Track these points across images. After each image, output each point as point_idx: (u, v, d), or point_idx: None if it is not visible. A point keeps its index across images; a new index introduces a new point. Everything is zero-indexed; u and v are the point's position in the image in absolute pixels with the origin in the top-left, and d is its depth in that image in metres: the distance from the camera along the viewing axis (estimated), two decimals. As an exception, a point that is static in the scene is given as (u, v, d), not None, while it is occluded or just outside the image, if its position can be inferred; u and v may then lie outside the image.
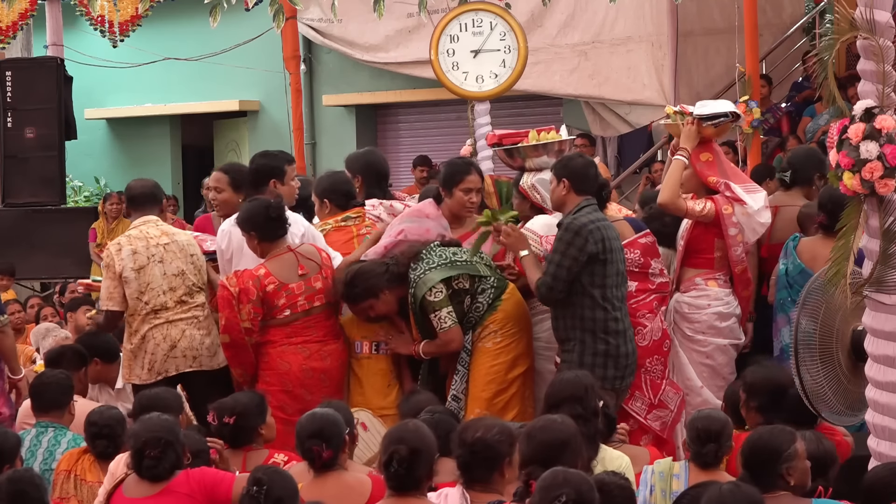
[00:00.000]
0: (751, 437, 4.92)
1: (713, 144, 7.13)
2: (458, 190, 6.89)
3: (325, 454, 5.12)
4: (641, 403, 6.70)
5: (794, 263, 6.78)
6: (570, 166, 6.62)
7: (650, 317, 6.75)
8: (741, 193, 6.92)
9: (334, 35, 15.77)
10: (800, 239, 6.91)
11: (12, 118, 13.03)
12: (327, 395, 6.48)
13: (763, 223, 6.99)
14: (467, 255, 6.70)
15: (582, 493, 4.22)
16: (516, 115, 15.08)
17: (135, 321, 6.95)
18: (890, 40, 5.16)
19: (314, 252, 6.75)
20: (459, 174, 6.91)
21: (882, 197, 5.15)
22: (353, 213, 7.22)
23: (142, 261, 6.92)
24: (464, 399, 6.64)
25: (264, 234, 6.66)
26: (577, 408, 5.29)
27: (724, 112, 7.07)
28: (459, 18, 8.93)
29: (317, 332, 6.69)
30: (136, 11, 12.86)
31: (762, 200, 7.00)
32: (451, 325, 6.57)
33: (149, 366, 6.93)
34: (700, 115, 7.04)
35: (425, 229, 6.85)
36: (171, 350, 6.90)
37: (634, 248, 6.80)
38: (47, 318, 9.78)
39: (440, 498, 4.80)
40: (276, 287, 6.58)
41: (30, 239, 12.75)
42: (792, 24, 14.01)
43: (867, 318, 5.29)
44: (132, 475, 5.18)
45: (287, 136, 13.89)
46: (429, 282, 6.54)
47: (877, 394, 5.25)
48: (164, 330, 6.91)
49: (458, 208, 6.93)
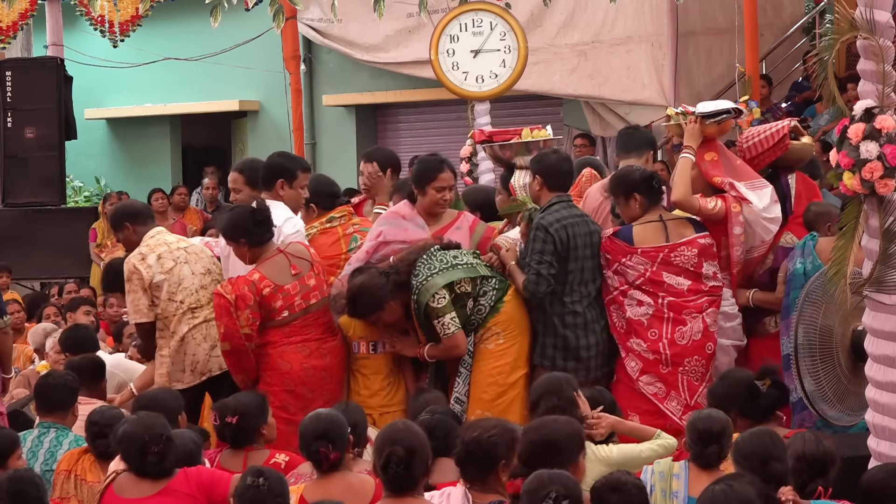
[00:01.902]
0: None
1: (717, 143, 7.12)
2: (432, 188, 6.88)
3: (333, 455, 5.12)
4: (677, 403, 6.63)
5: (813, 263, 6.64)
6: (543, 162, 6.83)
7: (696, 316, 6.70)
8: (746, 192, 6.88)
9: (334, 35, 15.77)
10: (818, 238, 6.82)
11: (12, 118, 13.06)
12: (329, 393, 6.51)
13: (773, 218, 6.93)
14: (468, 257, 6.70)
15: (570, 489, 4.27)
16: (516, 115, 15.05)
17: (171, 323, 6.88)
18: (890, 40, 5.16)
19: (303, 250, 6.73)
20: (432, 171, 6.90)
21: (882, 197, 5.15)
22: (338, 214, 7.22)
23: (168, 263, 6.89)
24: (467, 401, 6.64)
25: (253, 240, 6.62)
26: (553, 399, 5.49)
27: (726, 108, 7.07)
28: (459, 18, 8.95)
29: (315, 330, 6.69)
30: (137, 11, 12.89)
31: (768, 196, 6.95)
32: (454, 330, 6.57)
33: (191, 367, 6.88)
34: (702, 112, 7.04)
35: (403, 229, 6.86)
36: (212, 349, 6.86)
37: (692, 247, 6.74)
38: (49, 317, 9.77)
39: (443, 497, 4.81)
40: (272, 290, 6.57)
41: (30, 239, 12.76)
42: (792, 24, 14.01)
43: (867, 318, 5.29)
44: (127, 475, 5.17)
45: (287, 136, 13.91)
46: (431, 288, 6.53)
47: (877, 394, 5.25)
48: (204, 329, 6.87)
49: (431, 206, 6.92)
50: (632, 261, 6.70)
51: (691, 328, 6.68)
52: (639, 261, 6.69)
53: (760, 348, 6.96)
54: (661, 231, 6.74)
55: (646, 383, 6.64)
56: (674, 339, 6.63)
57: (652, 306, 6.67)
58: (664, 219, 6.78)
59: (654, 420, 6.35)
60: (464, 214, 7.09)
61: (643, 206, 6.75)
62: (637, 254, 6.68)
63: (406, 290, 6.61)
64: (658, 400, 6.62)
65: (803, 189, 7.15)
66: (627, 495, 4.55)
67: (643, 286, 6.68)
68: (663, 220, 6.77)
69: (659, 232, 6.74)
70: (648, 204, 6.76)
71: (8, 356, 6.97)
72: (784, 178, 7.10)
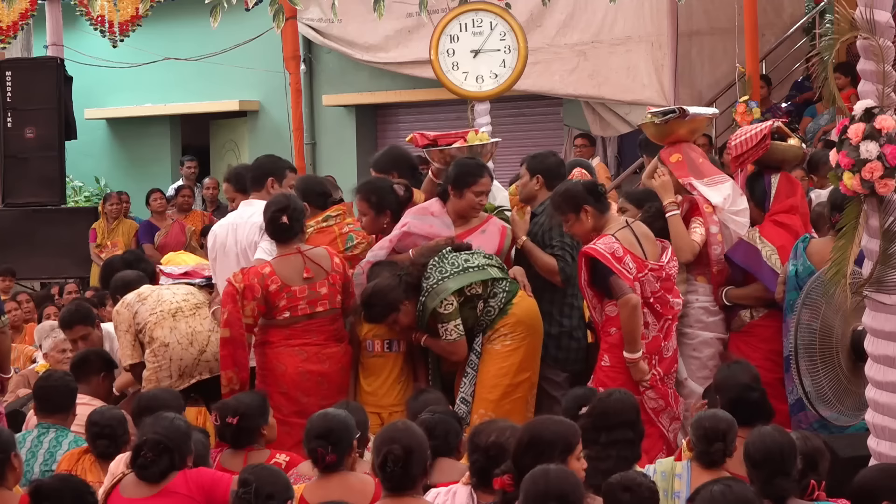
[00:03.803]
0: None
1: (682, 144, 7.19)
2: (470, 191, 6.92)
3: (329, 458, 5.10)
4: (668, 417, 6.65)
5: (804, 265, 6.66)
6: (545, 163, 7.18)
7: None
8: (704, 191, 6.98)
9: (334, 35, 15.77)
10: (810, 240, 6.84)
11: (12, 118, 13.05)
12: (325, 399, 6.47)
13: (740, 210, 7.01)
14: (479, 258, 6.70)
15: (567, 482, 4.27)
16: (516, 115, 15.08)
17: (152, 330, 6.94)
18: (890, 40, 5.16)
19: (324, 256, 6.74)
20: (472, 176, 6.94)
21: (882, 197, 5.14)
22: (333, 212, 7.24)
23: (146, 293, 7.07)
24: (472, 402, 6.65)
25: (273, 237, 6.72)
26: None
27: (671, 109, 7.19)
28: (459, 18, 8.93)
29: (318, 336, 6.68)
30: (136, 11, 12.89)
31: (729, 189, 7.03)
32: (456, 337, 6.59)
33: (178, 371, 6.95)
34: (654, 111, 7.23)
35: (429, 225, 6.90)
36: (200, 354, 6.95)
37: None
38: (50, 316, 9.77)
39: (448, 495, 4.81)
40: (279, 288, 6.58)
41: (30, 239, 12.76)
42: (792, 24, 14.00)
43: (867, 318, 5.29)
44: (131, 475, 5.17)
45: (287, 136, 13.89)
46: (442, 293, 6.54)
47: (877, 394, 5.25)
48: (190, 335, 6.97)
49: (466, 209, 6.96)
50: (648, 276, 6.60)
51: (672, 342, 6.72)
52: (654, 276, 6.63)
53: (738, 342, 7.00)
54: (631, 235, 6.66)
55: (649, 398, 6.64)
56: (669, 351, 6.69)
57: (656, 326, 6.64)
58: (630, 223, 6.72)
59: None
60: (492, 219, 7.11)
61: (595, 216, 6.66)
62: (648, 268, 6.61)
63: (419, 292, 6.63)
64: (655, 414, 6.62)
65: (785, 188, 7.16)
66: (639, 495, 4.55)
67: (654, 305, 6.63)
68: (629, 224, 6.71)
69: (632, 235, 6.67)
70: (600, 213, 6.67)
71: (7, 356, 6.98)
72: (767, 177, 7.14)
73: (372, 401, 6.71)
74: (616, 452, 5.12)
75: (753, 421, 5.45)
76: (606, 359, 6.61)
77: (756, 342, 6.90)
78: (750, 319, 6.95)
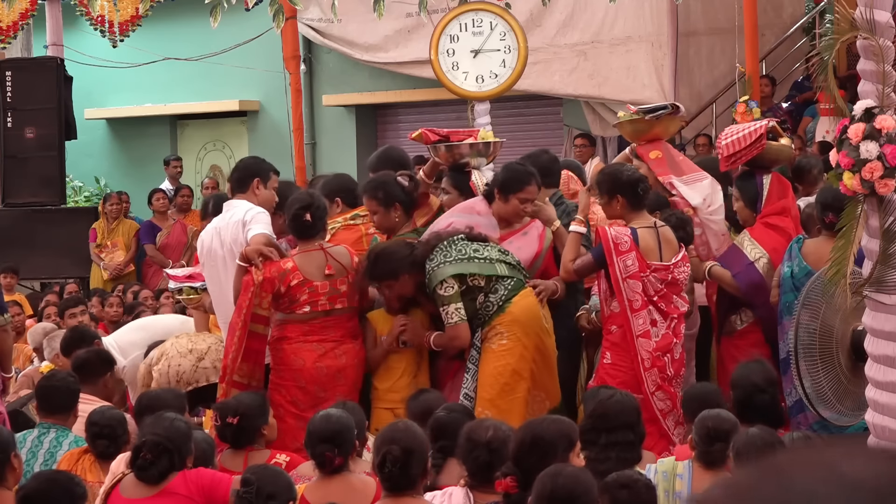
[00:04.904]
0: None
1: (661, 142, 7.21)
2: (516, 198, 6.92)
3: (338, 461, 5.11)
4: (672, 419, 6.65)
5: (799, 265, 6.66)
6: (539, 162, 7.23)
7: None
8: (684, 191, 7.02)
9: (334, 35, 15.77)
10: (804, 240, 6.84)
11: (12, 118, 13.06)
12: (341, 393, 6.50)
13: (717, 208, 7.04)
14: (490, 251, 6.68)
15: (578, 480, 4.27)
16: (516, 115, 15.08)
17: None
18: (890, 40, 5.16)
19: (345, 254, 6.76)
20: (520, 182, 6.93)
21: (882, 197, 5.14)
22: (362, 211, 7.24)
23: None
24: (475, 398, 6.66)
25: (295, 234, 6.80)
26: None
27: (663, 105, 7.20)
28: (459, 18, 8.95)
29: (335, 333, 6.71)
30: (136, 11, 12.89)
31: (708, 187, 7.04)
32: (457, 321, 6.58)
33: (176, 378, 7.01)
34: (642, 108, 7.24)
35: (475, 224, 6.87)
36: (199, 361, 7.02)
37: (686, 262, 6.85)
38: (51, 316, 9.78)
39: (444, 496, 4.81)
40: (300, 283, 6.60)
41: (30, 239, 12.77)
42: (792, 24, 14.01)
43: (867, 318, 5.29)
44: (131, 475, 5.17)
45: (287, 136, 13.89)
46: (440, 275, 6.55)
47: (877, 394, 5.25)
48: (189, 343, 7.14)
49: (510, 214, 6.97)
50: (650, 277, 6.62)
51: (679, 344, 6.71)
52: (656, 277, 6.63)
53: (729, 347, 7.00)
54: (654, 237, 6.68)
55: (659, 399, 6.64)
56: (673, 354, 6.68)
57: (664, 325, 6.63)
58: (657, 226, 6.74)
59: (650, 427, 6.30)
60: (535, 221, 7.09)
61: (624, 208, 6.70)
62: (651, 269, 6.61)
63: (423, 270, 6.63)
64: (663, 416, 6.62)
65: (777, 189, 7.16)
66: (637, 493, 4.55)
67: (658, 303, 6.65)
68: (656, 226, 6.73)
69: (654, 238, 6.69)
70: (630, 208, 6.70)
71: (8, 355, 6.99)
72: (759, 178, 7.14)
73: (384, 396, 6.72)
74: (616, 454, 5.12)
75: (760, 423, 5.45)
76: (608, 356, 6.62)
77: (746, 346, 6.89)
78: (741, 325, 6.95)
